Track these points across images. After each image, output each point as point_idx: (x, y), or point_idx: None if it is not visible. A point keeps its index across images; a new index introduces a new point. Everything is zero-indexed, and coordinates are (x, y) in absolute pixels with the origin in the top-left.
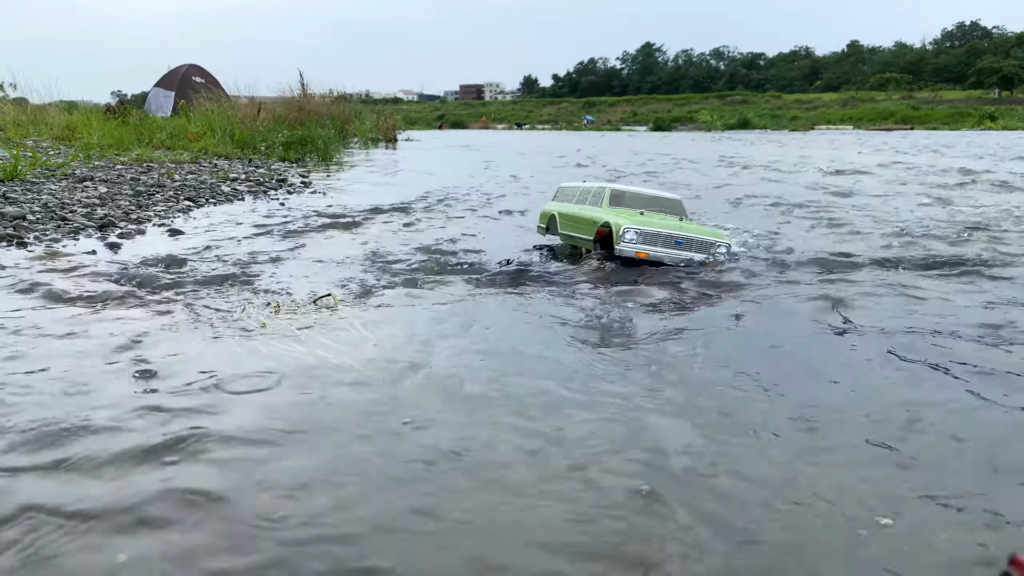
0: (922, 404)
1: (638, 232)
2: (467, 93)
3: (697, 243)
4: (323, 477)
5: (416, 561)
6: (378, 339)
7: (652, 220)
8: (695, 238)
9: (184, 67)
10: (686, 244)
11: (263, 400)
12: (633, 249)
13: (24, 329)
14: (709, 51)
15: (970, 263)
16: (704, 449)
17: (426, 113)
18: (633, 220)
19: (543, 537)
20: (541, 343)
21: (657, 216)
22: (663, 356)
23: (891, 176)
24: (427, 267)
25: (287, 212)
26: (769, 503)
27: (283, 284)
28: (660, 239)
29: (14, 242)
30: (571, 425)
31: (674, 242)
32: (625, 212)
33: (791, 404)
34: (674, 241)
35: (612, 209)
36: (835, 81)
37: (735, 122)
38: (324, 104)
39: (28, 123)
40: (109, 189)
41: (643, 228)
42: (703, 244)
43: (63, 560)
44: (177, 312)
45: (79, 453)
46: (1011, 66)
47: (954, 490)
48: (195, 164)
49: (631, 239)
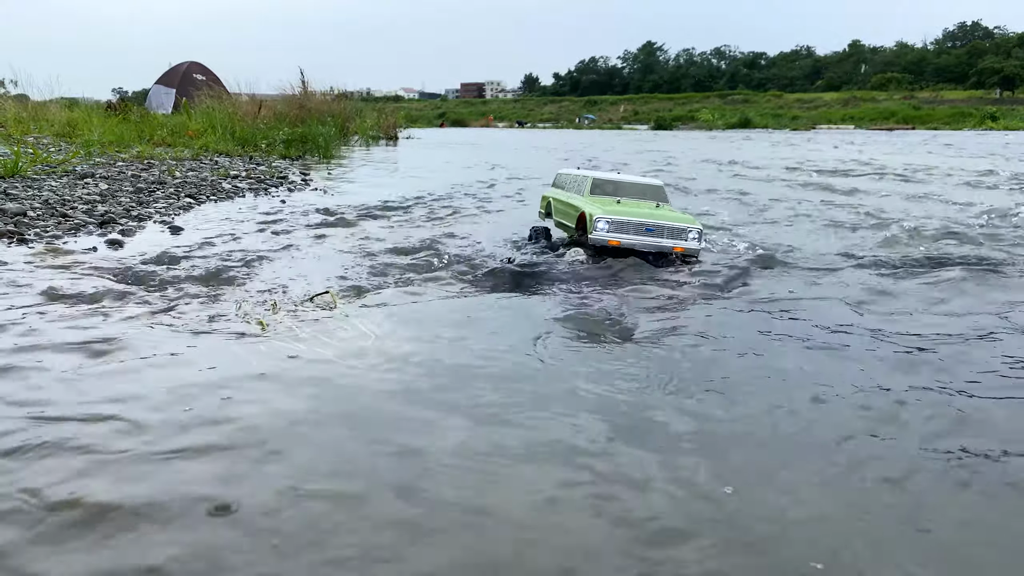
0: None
1: (609, 222)
2: (468, 91)
3: (668, 229)
4: (323, 477)
5: (416, 561)
6: (377, 336)
7: (625, 209)
8: (666, 225)
9: (185, 64)
10: (657, 231)
11: (261, 398)
12: (605, 238)
13: (23, 326)
14: (710, 50)
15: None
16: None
17: (427, 111)
18: (606, 209)
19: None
20: (540, 341)
21: (633, 204)
22: (662, 355)
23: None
24: (427, 264)
25: (288, 210)
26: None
27: (283, 281)
28: (631, 227)
29: (15, 238)
30: (571, 425)
31: (645, 229)
32: (601, 200)
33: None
34: (645, 229)
35: (592, 197)
36: (836, 81)
37: (736, 121)
38: (325, 102)
39: (29, 120)
40: (110, 186)
41: (614, 217)
42: (674, 230)
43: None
44: (177, 309)
45: (77, 453)
46: (1012, 66)
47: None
48: (196, 161)
49: (603, 228)
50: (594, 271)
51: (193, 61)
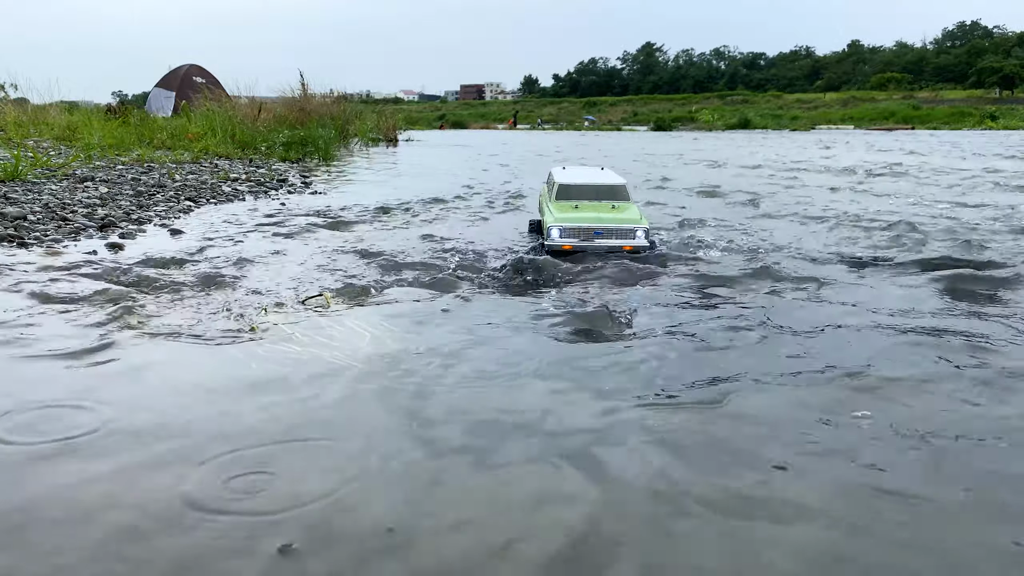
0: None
1: (561, 229)
2: (468, 93)
3: (616, 231)
4: (322, 477)
5: (417, 560)
6: (372, 337)
7: (578, 215)
8: (614, 227)
9: (185, 67)
10: (605, 233)
11: (259, 400)
12: (559, 243)
13: (23, 327)
14: (710, 51)
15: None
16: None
17: (427, 113)
18: (559, 217)
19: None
20: (539, 341)
21: (590, 207)
22: (659, 356)
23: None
24: (427, 264)
25: (288, 212)
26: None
27: (283, 283)
28: (581, 232)
29: (15, 242)
30: (572, 423)
31: (594, 233)
32: (560, 206)
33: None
34: (594, 232)
35: (555, 203)
36: (836, 81)
37: (736, 122)
38: (325, 104)
39: (29, 123)
40: (110, 189)
41: (565, 225)
42: (622, 231)
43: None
44: (177, 312)
45: (71, 454)
46: (1012, 66)
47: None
48: (196, 164)
49: (555, 236)
50: (589, 269)
51: (193, 64)
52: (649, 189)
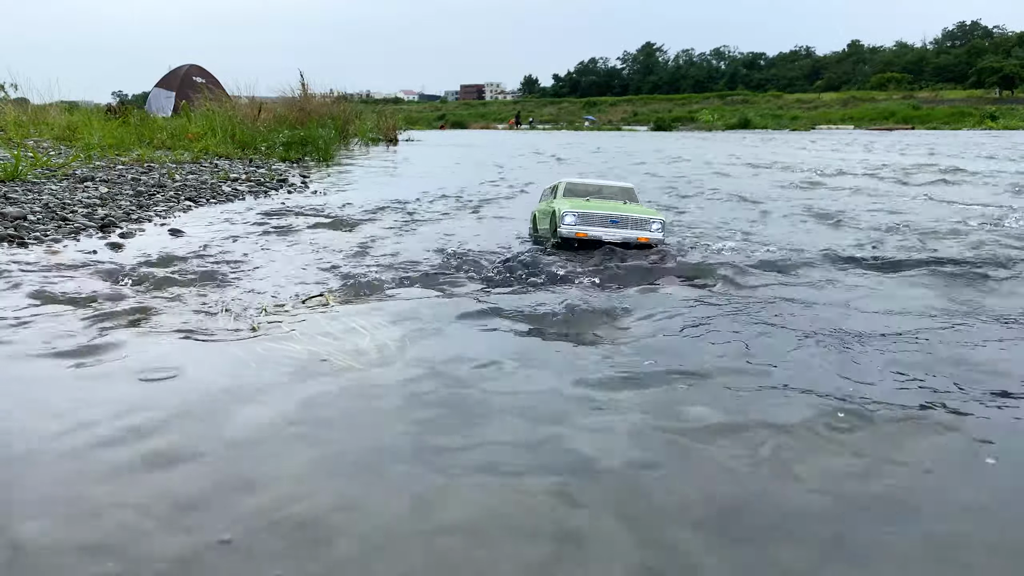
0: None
1: (575, 215)
2: (468, 93)
3: (632, 221)
4: (322, 477)
5: (418, 560)
6: (373, 337)
7: (592, 204)
8: (630, 216)
9: (185, 67)
10: (621, 222)
11: (259, 399)
12: (572, 230)
13: (24, 329)
14: (710, 51)
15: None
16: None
17: (427, 113)
18: (574, 205)
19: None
20: (539, 341)
21: (602, 202)
22: (657, 353)
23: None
24: (426, 264)
25: (287, 212)
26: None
27: (282, 283)
28: (596, 219)
29: (15, 242)
30: (573, 423)
31: (609, 221)
32: (572, 200)
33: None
34: (609, 220)
35: (565, 199)
36: (836, 81)
37: (736, 122)
38: (324, 104)
39: (29, 123)
40: (110, 189)
41: (580, 211)
42: (637, 221)
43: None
44: (176, 312)
45: (70, 454)
46: (1012, 66)
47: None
48: (196, 164)
49: (570, 222)
50: (589, 269)
51: (193, 64)
52: (671, 197)
